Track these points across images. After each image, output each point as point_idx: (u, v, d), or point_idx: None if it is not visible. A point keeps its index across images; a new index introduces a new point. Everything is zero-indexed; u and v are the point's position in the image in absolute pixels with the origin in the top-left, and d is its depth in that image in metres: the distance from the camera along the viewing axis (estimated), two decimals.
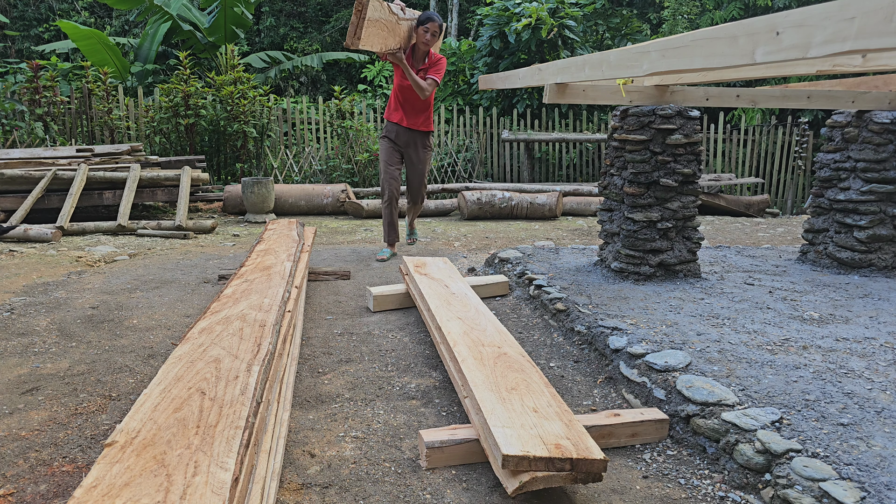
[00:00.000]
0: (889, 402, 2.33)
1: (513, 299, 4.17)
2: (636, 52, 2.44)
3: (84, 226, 6.57)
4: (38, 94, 8.79)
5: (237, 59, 10.49)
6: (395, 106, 5.26)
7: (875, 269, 4.28)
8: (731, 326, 3.17)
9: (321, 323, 3.73)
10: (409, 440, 2.36)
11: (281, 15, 18.09)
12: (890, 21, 1.26)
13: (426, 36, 4.86)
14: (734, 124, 11.84)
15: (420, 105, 5.20)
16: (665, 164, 3.97)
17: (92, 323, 3.67)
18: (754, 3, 11.90)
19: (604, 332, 3.14)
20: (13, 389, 2.75)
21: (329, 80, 16.86)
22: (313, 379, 2.92)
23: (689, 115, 3.98)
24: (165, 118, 9.14)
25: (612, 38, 12.11)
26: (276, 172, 9.63)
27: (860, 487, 1.81)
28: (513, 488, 1.87)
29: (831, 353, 2.82)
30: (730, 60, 1.81)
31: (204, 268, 5.12)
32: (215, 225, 7.05)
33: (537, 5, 10.06)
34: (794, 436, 2.08)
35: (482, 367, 2.48)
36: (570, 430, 2.04)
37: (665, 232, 4.01)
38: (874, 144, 4.24)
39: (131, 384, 2.83)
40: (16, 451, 2.24)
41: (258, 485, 1.80)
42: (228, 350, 2.22)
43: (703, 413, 2.31)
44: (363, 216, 8.24)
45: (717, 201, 9.00)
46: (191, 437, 1.63)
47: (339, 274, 4.80)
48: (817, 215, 4.61)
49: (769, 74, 3.75)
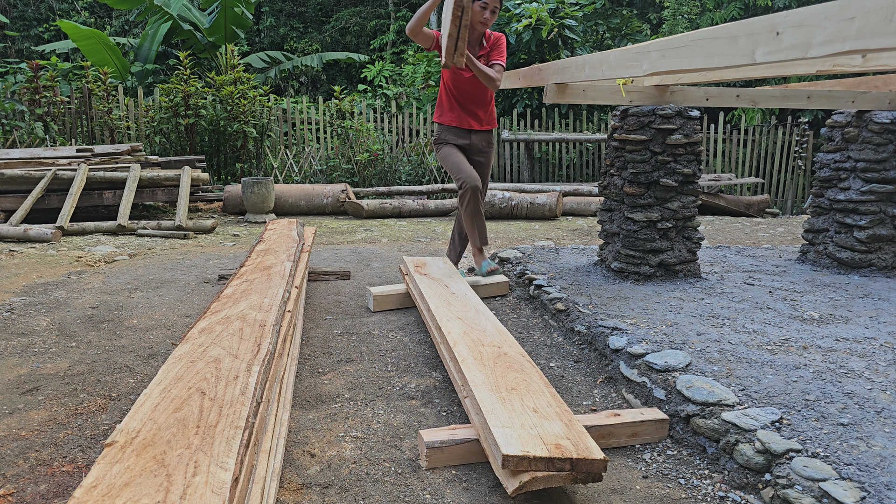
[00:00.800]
0: (889, 402, 2.33)
1: (513, 299, 4.17)
2: (636, 52, 2.44)
3: (84, 226, 6.57)
4: (38, 94, 8.79)
5: (237, 59, 10.50)
6: (448, 105, 4.20)
7: (875, 269, 4.28)
8: (731, 326, 3.17)
9: (321, 323, 3.73)
10: (409, 440, 2.36)
11: (281, 15, 18.10)
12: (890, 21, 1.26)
13: (484, 14, 3.84)
14: (734, 124, 11.84)
15: (480, 99, 4.16)
16: (665, 164, 3.97)
17: (92, 323, 3.67)
18: (754, 3, 11.90)
19: (604, 332, 3.14)
20: (13, 389, 2.75)
21: (329, 80, 16.87)
22: (313, 379, 2.92)
23: (689, 115, 3.98)
24: (165, 118, 9.14)
25: (612, 39, 12.11)
26: (276, 172, 9.63)
27: (860, 487, 1.81)
28: (513, 488, 1.87)
29: (831, 353, 2.82)
30: (730, 60, 1.81)
31: (204, 268, 5.12)
32: (215, 225, 7.05)
33: (537, 6, 10.06)
34: (794, 436, 2.08)
35: (482, 367, 2.48)
36: (570, 430, 2.04)
37: (665, 232, 4.01)
38: (874, 144, 4.24)
39: (131, 384, 2.83)
40: (16, 451, 2.24)
41: (258, 485, 1.80)
42: (228, 350, 2.22)
43: (703, 413, 2.31)
44: (363, 216, 8.24)
45: (717, 201, 9.00)
46: (191, 437, 1.62)
47: (339, 274, 4.80)
48: (817, 215, 4.61)
49: (769, 74, 3.75)
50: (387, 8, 18.35)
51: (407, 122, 10.89)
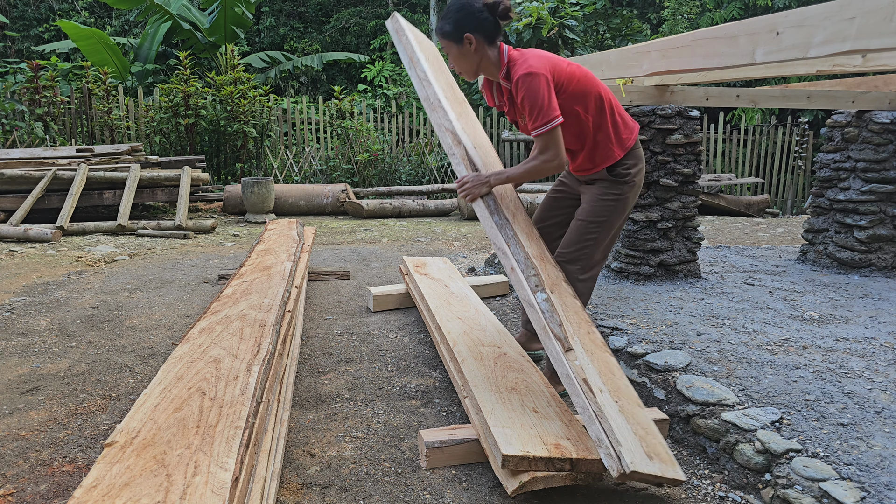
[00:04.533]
0: (889, 402, 2.33)
1: (513, 299, 4.17)
2: (636, 52, 2.44)
3: (84, 226, 6.57)
4: (38, 94, 8.79)
5: (237, 59, 10.49)
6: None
7: (875, 269, 4.28)
8: (731, 326, 3.17)
9: (321, 323, 3.73)
10: (409, 440, 2.36)
11: (281, 15, 18.09)
12: (890, 21, 1.26)
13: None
14: (734, 124, 11.83)
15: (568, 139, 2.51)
16: (665, 163, 3.97)
17: (92, 323, 3.67)
18: (754, 3, 11.90)
19: (604, 331, 3.13)
20: (13, 389, 2.75)
21: (329, 80, 16.86)
22: (313, 379, 2.92)
23: (689, 115, 3.98)
24: (165, 118, 9.14)
25: (612, 39, 12.11)
26: (276, 172, 9.63)
27: (860, 487, 1.81)
28: (513, 488, 1.87)
29: (831, 353, 2.82)
30: (730, 60, 1.81)
31: (204, 268, 5.12)
32: (215, 225, 7.05)
33: (538, 5, 10.05)
34: (794, 436, 2.08)
35: (482, 367, 2.48)
36: (570, 430, 2.04)
37: (665, 232, 4.01)
38: (874, 144, 4.23)
39: (131, 384, 2.83)
40: (16, 451, 2.24)
41: (258, 485, 1.80)
42: (228, 350, 2.22)
43: (703, 413, 2.31)
44: (363, 216, 8.24)
45: (717, 201, 8.99)
46: (191, 437, 1.62)
47: (339, 274, 4.80)
48: (817, 215, 4.61)
49: (769, 74, 3.75)
50: (387, 8, 18.35)
51: (407, 122, 10.89)
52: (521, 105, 2.29)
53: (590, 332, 2.16)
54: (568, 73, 2.35)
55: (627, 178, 2.51)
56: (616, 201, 2.51)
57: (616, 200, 2.51)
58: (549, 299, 2.16)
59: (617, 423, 1.86)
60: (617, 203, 2.51)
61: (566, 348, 2.03)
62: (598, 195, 2.53)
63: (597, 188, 2.55)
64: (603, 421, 1.85)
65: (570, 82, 2.34)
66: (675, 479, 1.83)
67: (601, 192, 2.53)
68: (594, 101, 2.41)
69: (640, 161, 2.56)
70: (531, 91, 2.20)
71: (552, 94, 2.24)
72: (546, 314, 2.12)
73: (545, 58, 2.30)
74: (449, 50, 2.37)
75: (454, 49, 2.34)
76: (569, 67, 2.37)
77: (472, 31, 2.28)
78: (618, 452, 1.78)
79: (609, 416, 1.86)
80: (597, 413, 1.87)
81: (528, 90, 2.21)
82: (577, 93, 2.36)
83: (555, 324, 2.10)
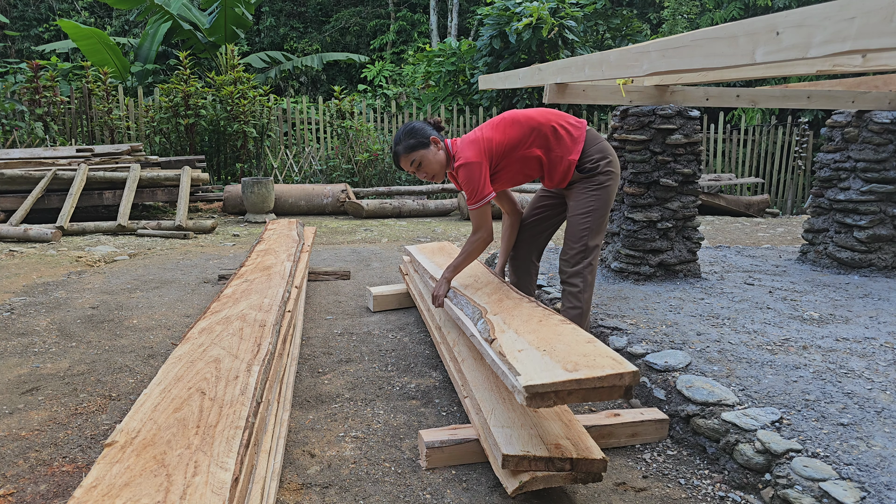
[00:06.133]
0: (889, 402, 2.33)
1: None
2: (636, 52, 2.44)
3: (84, 226, 6.57)
4: (38, 94, 8.79)
5: (237, 59, 10.49)
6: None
7: (875, 269, 4.28)
8: (731, 326, 3.17)
9: (321, 323, 3.73)
10: (409, 440, 2.36)
11: (281, 15, 18.10)
12: (890, 21, 1.26)
13: (418, 174, 2.85)
14: (734, 124, 11.83)
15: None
16: (665, 164, 3.97)
17: (92, 323, 3.67)
18: (754, 3, 11.90)
19: (604, 331, 3.13)
20: (13, 389, 2.75)
21: (329, 80, 16.87)
22: (313, 379, 2.92)
23: (689, 115, 3.98)
24: (165, 118, 9.14)
25: (612, 39, 12.11)
26: (276, 172, 9.63)
27: (860, 487, 1.81)
28: (513, 488, 1.87)
29: (831, 353, 2.82)
30: (730, 60, 1.81)
31: (204, 268, 5.12)
32: (215, 225, 7.05)
33: (538, 5, 10.05)
34: (794, 436, 2.08)
35: (482, 366, 2.48)
36: (570, 430, 2.04)
37: (665, 232, 4.01)
38: (874, 144, 4.23)
39: (131, 384, 2.83)
40: (16, 451, 2.24)
41: (258, 485, 1.80)
42: (228, 350, 2.22)
43: (703, 413, 2.31)
44: (363, 216, 8.24)
45: (717, 201, 8.99)
46: (191, 437, 1.62)
47: (339, 274, 4.79)
48: (817, 215, 4.61)
49: (769, 74, 3.75)
50: (387, 8, 18.36)
51: (407, 122, 10.88)
52: (461, 188, 2.82)
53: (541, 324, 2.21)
54: (502, 139, 2.77)
55: (598, 169, 2.83)
56: (598, 191, 2.84)
57: (597, 190, 2.84)
58: (486, 321, 2.29)
59: (512, 345, 1.96)
60: (600, 192, 2.83)
61: (489, 339, 2.12)
62: (580, 192, 2.88)
63: (577, 188, 2.90)
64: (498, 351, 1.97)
65: (507, 145, 2.78)
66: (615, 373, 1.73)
67: (581, 188, 2.88)
68: (534, 138, 2.80)
69: (604, 152, 2.85)
70: (466, 177, 2.70)
71: (484, 176, 2.71)
72: (482, 333, 2.22)
73: (477, 144, 2.74)
74: (422, 158, 2.74)
75: (426, 154, 2.74)
76: (504, 133, 2.78)
77: (433, 135, 2.77)
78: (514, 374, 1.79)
79: (507, 350, 1.96)
80: (498, 353, 1.97)
81: (464, 177, 2.70)
82: (515, 145, 2.79)
83: (487, 329, 2.21)
